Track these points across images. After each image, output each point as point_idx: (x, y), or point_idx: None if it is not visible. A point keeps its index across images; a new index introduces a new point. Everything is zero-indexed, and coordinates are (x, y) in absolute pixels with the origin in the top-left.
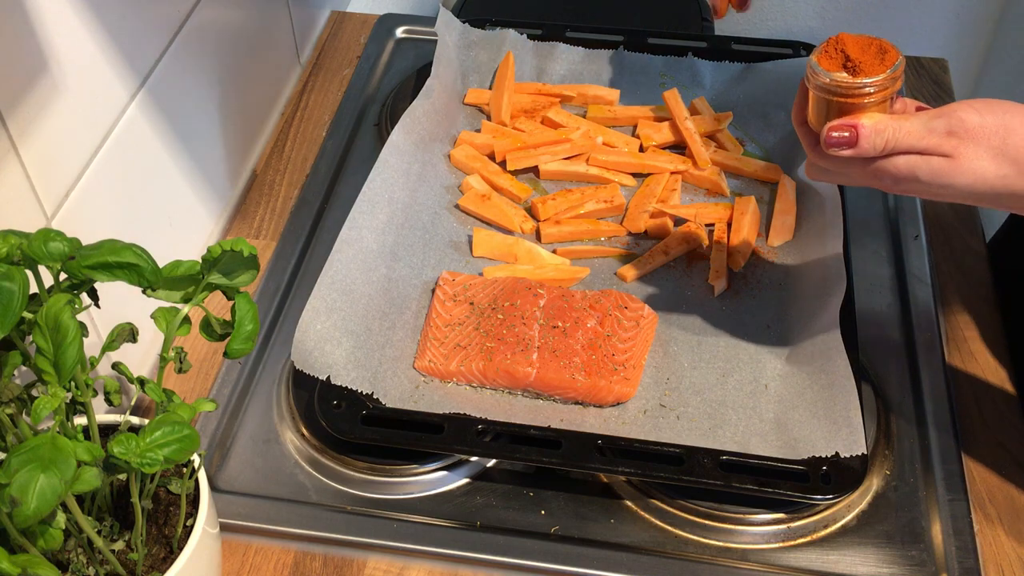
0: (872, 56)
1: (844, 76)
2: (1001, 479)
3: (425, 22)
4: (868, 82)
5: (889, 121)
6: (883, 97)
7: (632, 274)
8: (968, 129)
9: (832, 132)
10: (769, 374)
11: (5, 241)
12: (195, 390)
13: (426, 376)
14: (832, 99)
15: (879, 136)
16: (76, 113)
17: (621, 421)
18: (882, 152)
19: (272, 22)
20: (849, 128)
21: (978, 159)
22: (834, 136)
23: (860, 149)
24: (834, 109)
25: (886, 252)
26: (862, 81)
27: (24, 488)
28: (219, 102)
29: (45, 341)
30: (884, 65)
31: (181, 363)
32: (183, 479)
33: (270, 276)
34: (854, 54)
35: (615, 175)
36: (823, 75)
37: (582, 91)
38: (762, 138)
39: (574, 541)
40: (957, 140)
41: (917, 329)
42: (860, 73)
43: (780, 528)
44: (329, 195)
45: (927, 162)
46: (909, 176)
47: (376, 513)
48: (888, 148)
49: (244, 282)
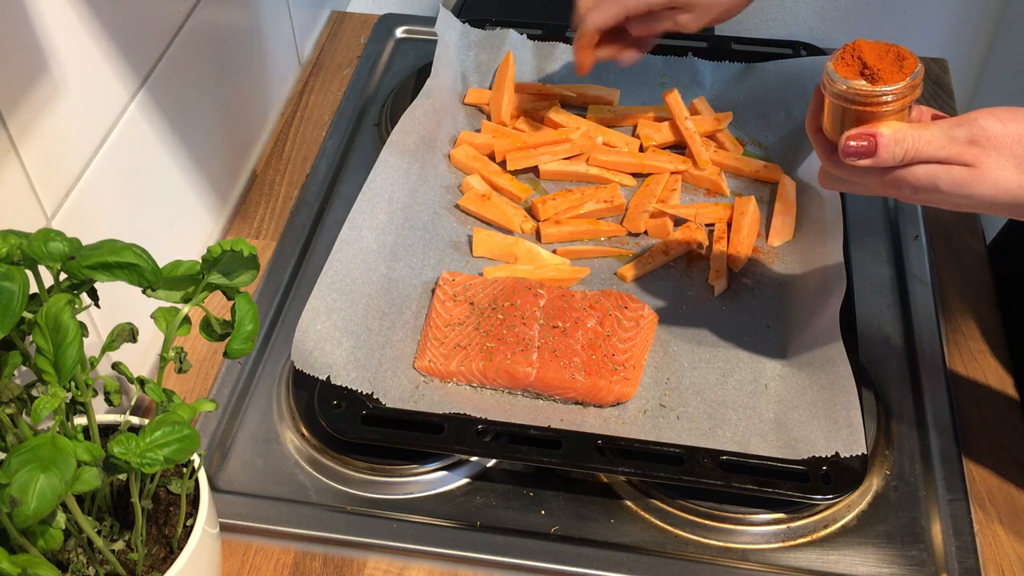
0: (890, 63)
1: (862, 84)
2: (1001, 479)
3: (425, 22)
4: (887, 90)
5: (908, 130)
6: (902, 106)
7: (632, 274)
8: (990, 138)
9: (850, 141)
10: (769, 374)
11: (5, 241)
12: (195, 390)
13: (426, 376)
14: (849, 107)
15: (898, 145)
16: (76, 113)
17: (621, 421)
18: (901, 162)
19: (272, 22)
20: (867, 137)
21: (1000, 169)
22: (852, 145)
23: (878, 159)
24: (851, 117)
25: (886, 252)
26: (881, 89)
27: (24, 488)
28: (219, 102)
29: (45, 341)
30: (903, 73)
31: (181, 363)
32: (183, 479)
33: (270, 276)
34: (872, 61)
35: (615, 175)
36: (840, 82)
37: (582, 91)
38: (762, 138)
39: (574, 541)
40: (979, 149)
41: (917, 329)
42: (879, 81)
43: (780, 528)
44: (329, 195)
45: (948, 172)
46: (929, 186)
47: (376, 513)
48: (907, 158)
49: (244, 282)
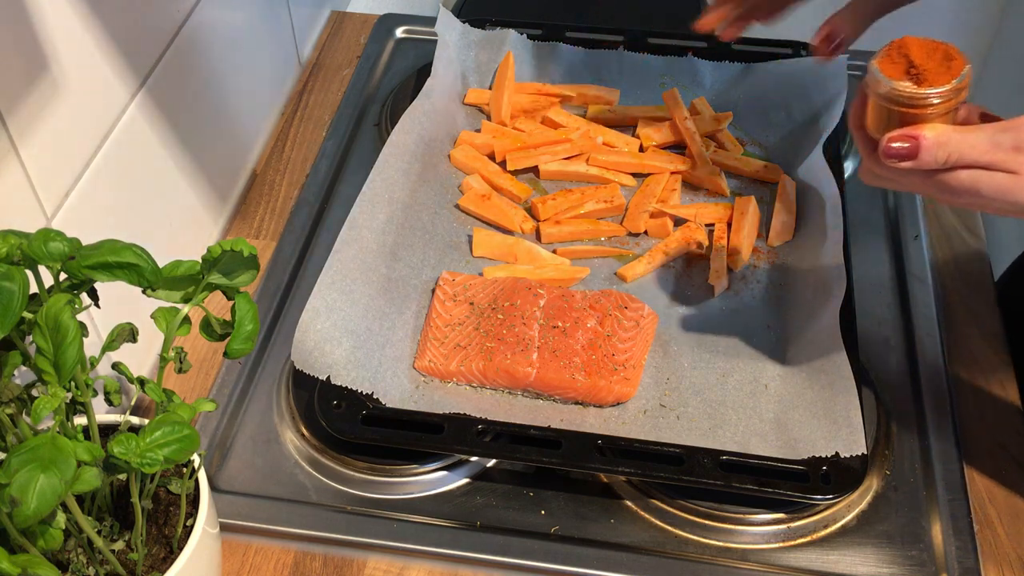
0: (937, 63)
1: (908, 85)
2: (1001, 479)
3: (425, 22)
4: (932, 92)
5: (952, 133)
6: (947, 108)
7: (632, 274)
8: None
9: (892, 143)
10: (769, 374)
11: (5, 241)
12: (195, 390)
13: (426, 376)
14: (893, 108)
15: (941, 149)
16: (76, 113)
17: (621, 421)
18: (943, 165)
19: (272, 22)
20: (910, 139)
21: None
22: (894, 147)
23: (920, 162)
24: (895, 118)
25: (886, 252)
26: (926, 91)
27: (24, 488)
28: (219, 102)
29: (45, 341)
30: (950, 74)
31: (181, 363)
32: (183, 479)
33: (270, 276)
34: (918, 60)
35: (615, 175)
36: (885, 83)
37: (582, 91)
38: (762, 138)
39: (574, 541)
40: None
41: (917, 329)
42: (924, 82)
43: (780, 528)
44: (329, 195)
45: (991, 177)
46: (971, 191)
47: (376, 513)
48: (951, 162)
49: (244, 282)
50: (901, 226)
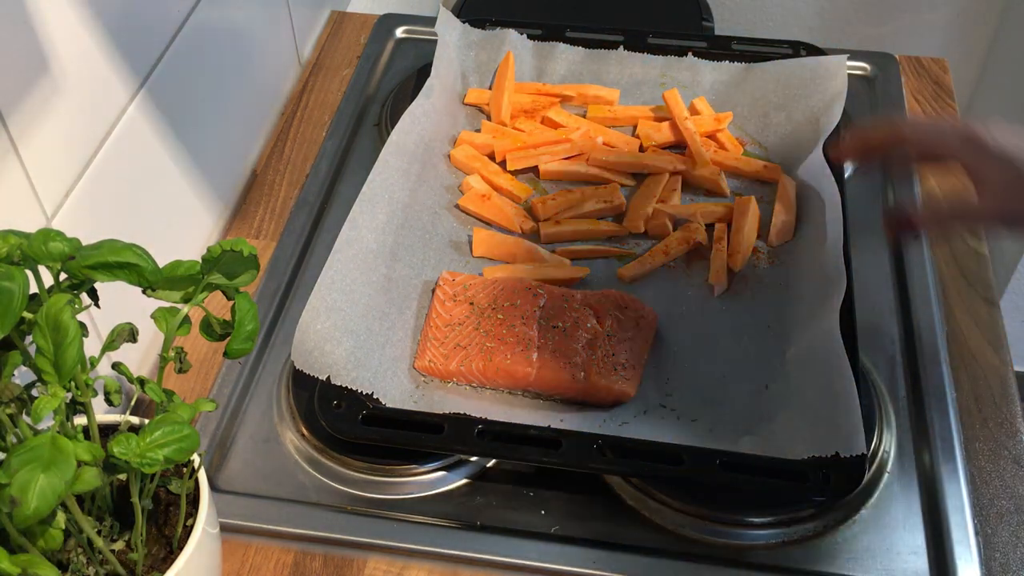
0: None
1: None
2: (1001, 479)
3: (425, 22)
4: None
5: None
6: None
7: (632, 274)
8: None
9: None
10: (769, 374)
11: (5, 241)
12: (195, 390)
13: (426, 376)
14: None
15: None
16: (76, 113)
17: (621, 421)
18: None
19: (272, 22)
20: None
21: None
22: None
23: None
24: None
25: (886, 252)
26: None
27: (24, 488)
28: (219, 102)
29: (45, 341)
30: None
31: (181, 363)
32: (183, 479)
33: (270, 276)
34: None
35: (615, 175)
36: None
37: (582, 91)
38: (762, 138)
39: (574, 541)
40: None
41: (917, 329)
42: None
43: (780, 528)
44: (329, 195)
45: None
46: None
47: (376, 513)
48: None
49: (244, 282)
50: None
